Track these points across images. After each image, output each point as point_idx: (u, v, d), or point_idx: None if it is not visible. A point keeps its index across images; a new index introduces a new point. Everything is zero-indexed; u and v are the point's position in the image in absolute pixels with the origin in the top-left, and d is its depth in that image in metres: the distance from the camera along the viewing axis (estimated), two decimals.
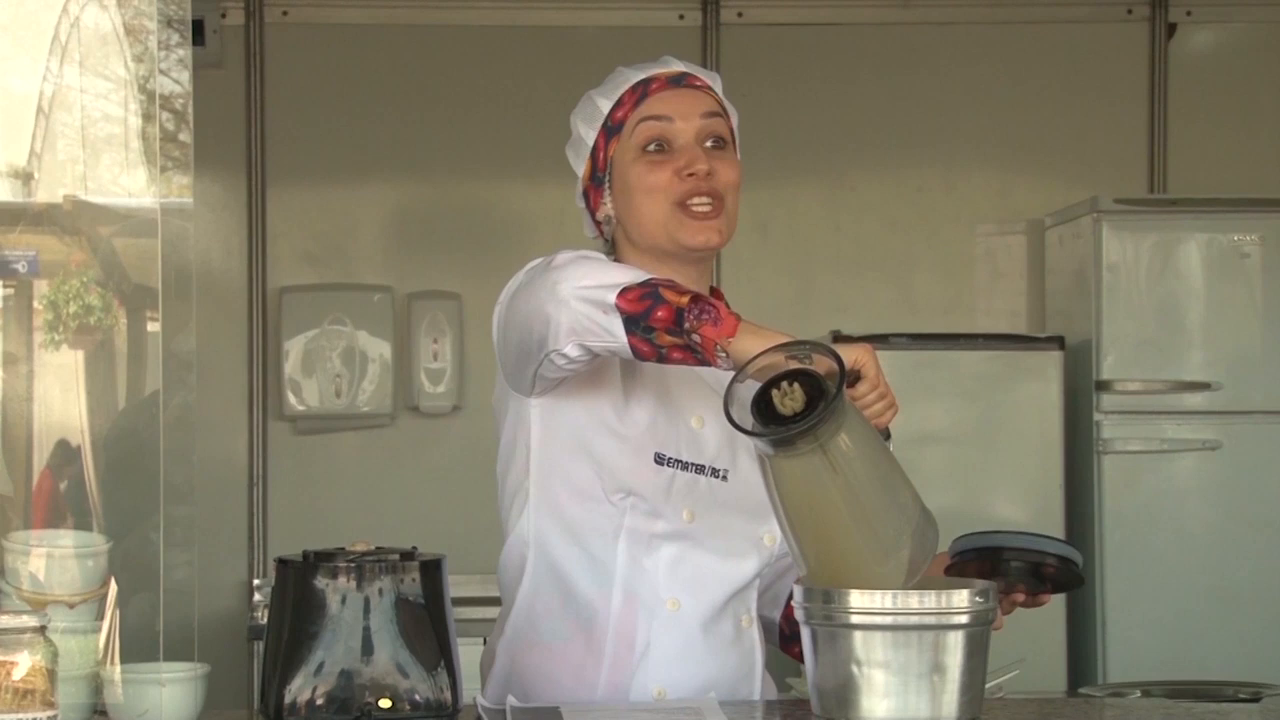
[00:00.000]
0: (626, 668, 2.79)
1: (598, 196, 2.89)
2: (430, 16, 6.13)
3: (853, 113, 6.16)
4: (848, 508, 2.43)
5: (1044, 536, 2.82)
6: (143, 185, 2.75)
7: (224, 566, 5.94)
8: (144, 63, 2.73)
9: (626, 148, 2.85)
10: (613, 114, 2.86)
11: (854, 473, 2.42)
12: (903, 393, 5.23)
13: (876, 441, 2.47)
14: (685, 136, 2.84)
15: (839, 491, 2.41)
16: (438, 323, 6.04)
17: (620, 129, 2.85)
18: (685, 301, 2.49)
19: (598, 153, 2.87)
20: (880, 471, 2.45)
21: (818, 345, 2.42)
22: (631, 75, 2.89)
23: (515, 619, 2.87)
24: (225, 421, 5.98)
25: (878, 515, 2.45)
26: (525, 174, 6.06)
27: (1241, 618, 5.50)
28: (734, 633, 2.86)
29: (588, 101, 2.91)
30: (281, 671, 2.44)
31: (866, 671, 2.42)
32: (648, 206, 2.83)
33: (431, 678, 2.45)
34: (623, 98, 2.86)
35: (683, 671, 2.80)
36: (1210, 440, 5.54)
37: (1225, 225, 5.58)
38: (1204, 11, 6.26)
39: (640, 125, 2.84)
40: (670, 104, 2.85)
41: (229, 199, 6.06)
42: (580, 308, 2.56)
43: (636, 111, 2.85)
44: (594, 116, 2.88)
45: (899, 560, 2.45)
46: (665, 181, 2.82)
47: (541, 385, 2.76)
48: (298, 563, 2.47)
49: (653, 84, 2.86)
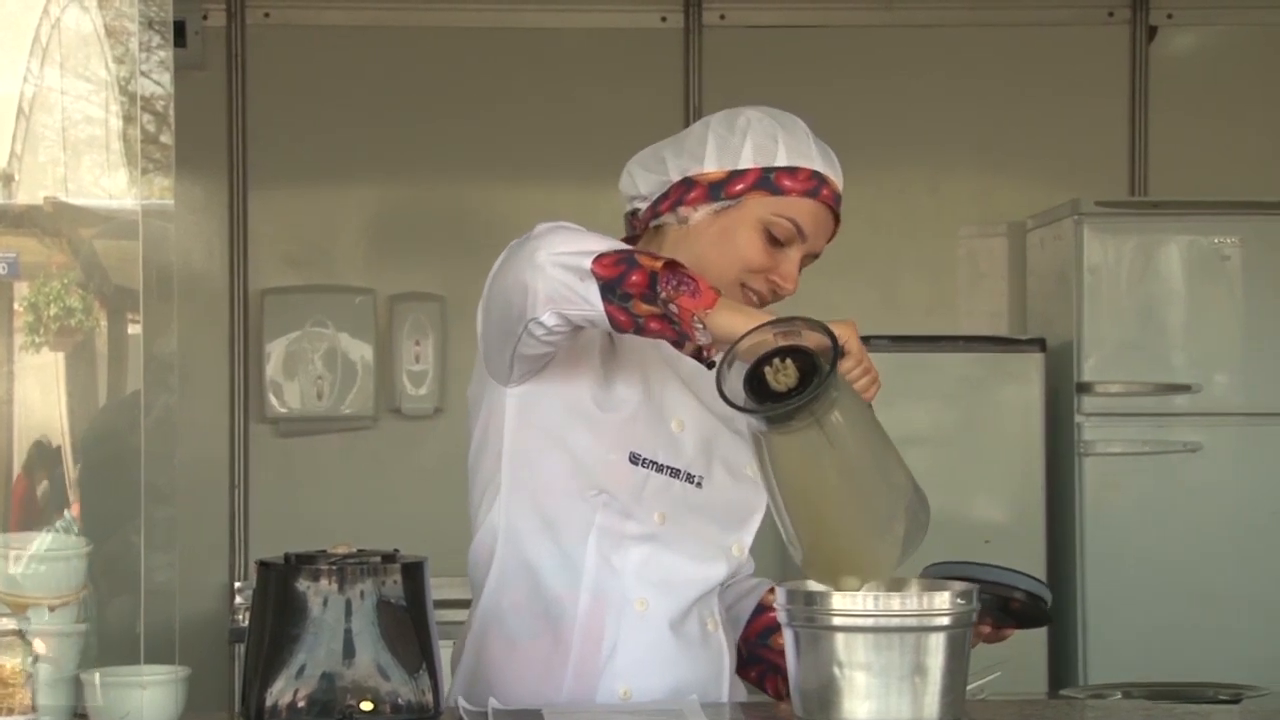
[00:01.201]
0: (593, 667, 2.78)
1: (701, 201, 2.84)
2: (412, 19, 6.12)
3: (835, 115, 6.10)
4: (844, 483, 2.43)
5: (1015, 571, 2.82)
6: (124, 187, 2.75)
7: (205, 569, 5.93)
8: (125, 64, 2.73)
9: (761, 213, 2.82)
10: (782, 176, 2.83)
11: (850, 447, 2.42)
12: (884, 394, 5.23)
13: (869, 416, 2.47)
14: (799, 252, 2.84)
15: (835, 466, 2.42)
16: (420, 325, 6.04)
17: (774, 193, 2.82)
18: (659, 267, 2.48)
19: (738, 181, 2.83)
20: (874, 446, 2.46)
21: (806, 320, 2.41)
22: (816, 159, 2.86)
23: (483, 613, 2.86)
24: (206, 424, 5.97)
25: (874, 490, 2.46)
26: (508, 176, 6.06)
27: (1222, 619, 5.51)
28: (701, 635, 2.85)
29: (771, 136, 2.85)
30: (263, 674, 2.44)
31: (848, 673, 2.42)
32: (726, 267, 2.81)
33: (413, 680, 2.44)
34: (800, 173, 2.83)
35: (650, 672, 2.80)
36: (1191, 442, 5.55)
37: (1206, 228, 5.59)
38: (1185, 14, 6.27)
39: (788, 220, 2.82)
40: (819, 223, 2.86)
41: (210, 201, 6.05)
42: (557, 274, 2.55)
43: (798, 201, 2.82)
44: (767, 154, 2.84)
45: (894, 535, 2.46)
46: (757, 267, 2.81)
47: (520, 369, 2.74)
48: (279, 565, 2.47)
49: (824, 191, 2.85)
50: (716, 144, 2.86)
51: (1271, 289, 5.59)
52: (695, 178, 2.85)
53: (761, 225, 2.82)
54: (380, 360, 6.04)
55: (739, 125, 2.87)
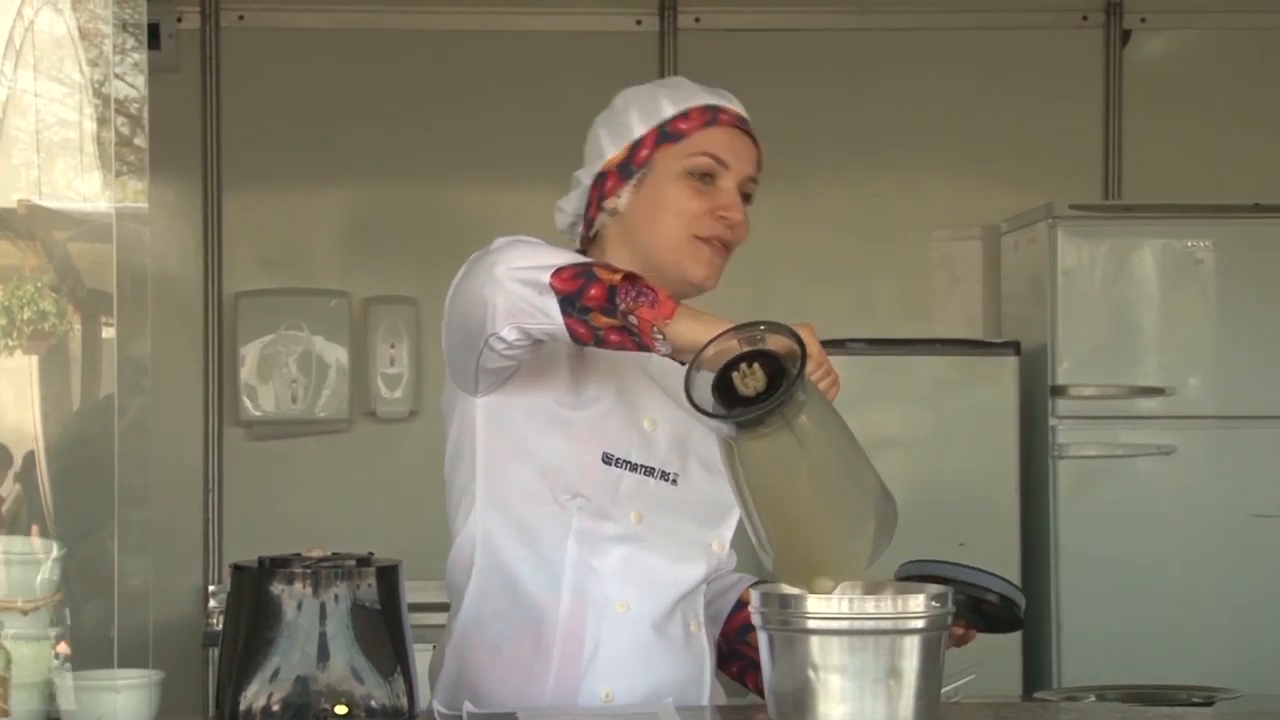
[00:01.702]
0: (575, 669, 2.79)
1: (617, 186, 2.88)
2: (386, 21, 6.12)
3: (810, 118, 6.17)
4: (815, 484, 2.44)
5: (991, 574, 2.82)
6: (98, 190, 2.74)
7: (179, 573, 5.92)
8: (99, 67, 2.72)
9: (676, 163, 2.85)
10: (675, 122, 2.87)
11: (819, 448, 2.42)
12: (859, 398, 5.22)
13: (836, 417, 2.48)
14: (731, 180, 2.87)
15: (806, 469, 2.42)
16: (395, 328, 6.03)
17: (678, 140, 2.86)
18: (618, 279, 2.50)
19: (641, 148, 2.87)
20: (842, 446, 2.47)
21: (768, 324, 2.42)
22: (702, 94, 2.90)
23: (464, 621, 2.86)
24: (181, 427, 5.96)
25: (844, 489, 2.47)
26: (483, 179, 6.06)
27: (1196, 622, 5.52)
28: (684, 636, 2.86)
29: (649, 95, 2.91)
30: (237, 678, 2.43)
31: (823, 676, 2.42)
32: (671, 226, 2.84)
33: (388, 683, 2.44)
34: (690, 112, 2.87)
35: (632, 674, 2.80)
36: (1165, 445, 5.56)
37: (1179, 231, 5.61)
38: (1158, 19, 6.29)
39: (701, 156, 2.85)
40: (732, 145, 2.88)
41: (184, 204, 6.04)
42: (516, 289, 2.57)
43: (701, 134, 2.86)
44: (652, 113, 2.88)
45: (865, 534, 2.46)
46: (699, 212, 2.83)
47: (486, 381, 2.74)
48: (253, 569, 2.46)
49: (722, 114, 2.89)
50: (607, 131, 2.92)
51: (1245, 292, 5.60)
52: (604, 170, 2.89)
53: (681, 173, 2.85)
54: (355, 363, 6.03)
55: (619, 105, 2.93)
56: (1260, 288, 5.60)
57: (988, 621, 2.83)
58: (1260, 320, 5.59)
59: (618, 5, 6.18)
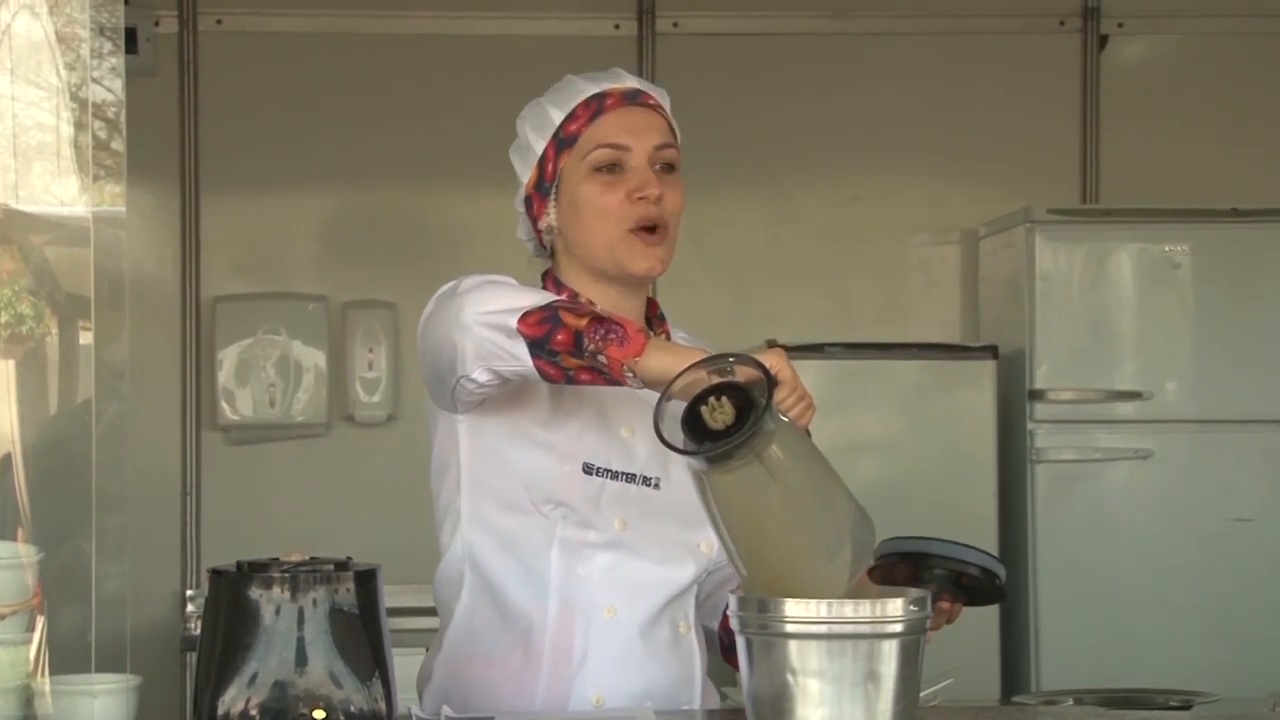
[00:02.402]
0: (565, 676, 2.79)
1: (542, 206, 2.88)
2: (365, 26, 6.11)
3: (788, 123, 6.18)
4: (788, 514, 2.44)
5: (970, 547, 2.83)
6: (75, 194, 2.74)
7: (157, 577, 5.90)
8: (76, 71, 2.71)
9: (578, 164, 2.84)
10: (565, 126, 2.85)
11: (791, 478, 2.42)
12: (837, 402, 5.25)
13: (807, 444, 2.48)
14: (638, 159, 2.84)
15: (779, 499, 2.42)
16: (373, 332, 6.03)
17: (573, 143, 2.84)
18: (584, 325, 2.51)
19: (546, 163, 2.87)
20: (815, 474, 2.46)
21: (738, 356, 2.42)
22: (585, 87, 2.88)
23: (453, 634, 2.87)
24: (158, 431, 5.95)
25: (818, 518, 2.46)
26: (461, 183, 6.05)
27: (1173, 626, 5.53)
28: (672, 639, 2.86)
29: (538, 108, 2.90)
30: (215, 682, 2.42)
31: (802, 680, 2.42)
32: (597, 227, 2.83)
33: (366, 688, 2.43)
34: (576, 110, 2.86)
35: (621, 678, 2.80)
36: (1142, 449, 5.57)
37: (1157, 235, 5.62)
38: (1135, 24, 6.30)
39: (598, 149, 2.83)
40: (625, 125, 2.85)
41: (162, 208, 6.03)
42: (484, 333, 2.58)
43: (591, 128, 2.84)
44: (544, 126, 2.87)
45: (841, 559, 2.46)
46: (616, 204, 2.82)
47: (463, 406, 2.77)
48: (231, 573, 2.45)
49: (608, 99, 2.86)
50: (517, 156, 2.93)
51: (1222, 296, 5.61)
52: (527, 194, 2.91)
53: (588, 173, 2.84)
54: (333, 367, 6.02)
55: (519, 126, 2.93)
56: (1237, 292, 5.61)
57: (970, 595, 2.83)
58: (1237, 324, 5.60)
59: (596, 10, 6.18)
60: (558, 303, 2.56)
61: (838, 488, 2.49)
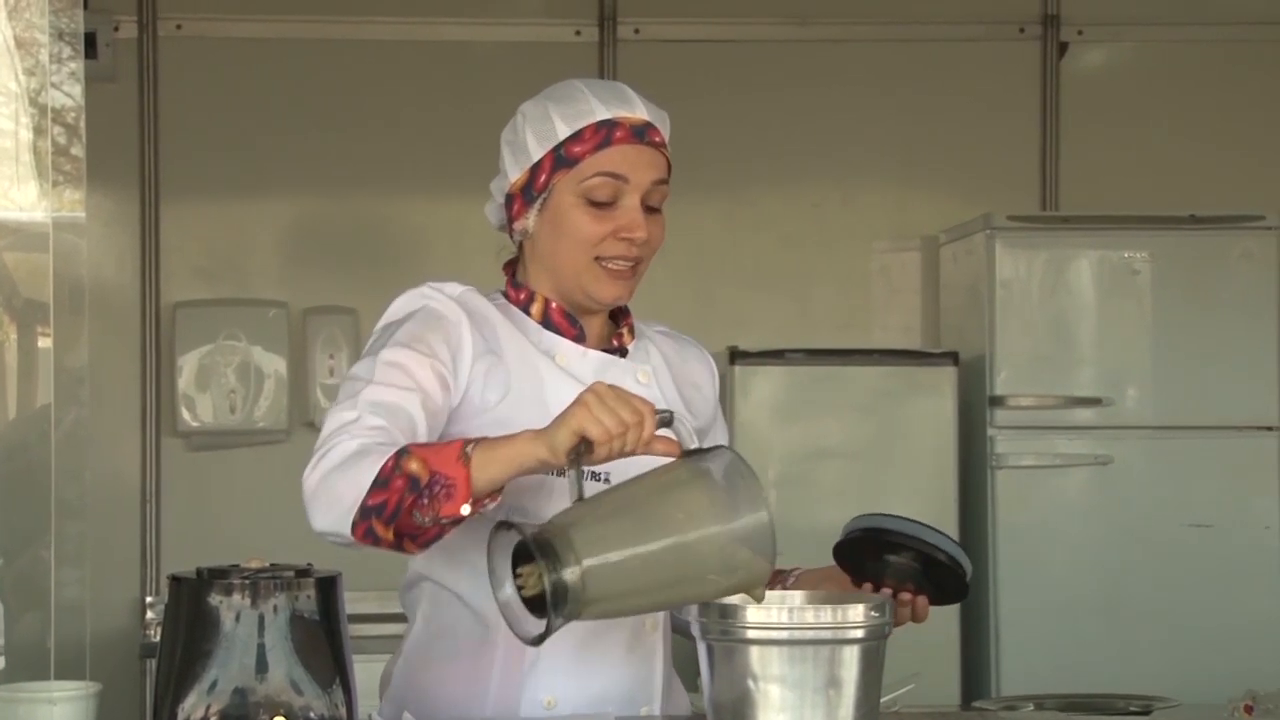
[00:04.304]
0: (515, 680, 2.77)
1: (523, 210, 2.86)
2: (327, 31, 6.10)
3: (750, 129, 6.18)
4: (649, 598, 2.45)
5: (938, 531, 2.81)
6: (34, 199, 2.73)
7: (116, 584, 5.88)
8: (35, 76, 2.71)
9: (573, 187, 2.81)
10: (569, 145, 2.81)
11: (625, 576, 2.39)
12: (799, 408, 5.24)
13: (643, 511, 2.43)
14: (633, 198, 2.82)
15: (647, 578, 2.40)
16: (334, 338, 6.01)
17: (574, 165, 2.81)
18: (390, 537, 2.52)
19: (540, 173, 2.83)
20: (649, 551, 2.40)
21: (524, 528, 2.39)
22: (596, 108, 2.83)
23: (413, 640, 2.88)
24: (118, 438, 5.92)
25: (677, 581, 2.43)
26: (423, 189, 6.05)
27: (1133, 631, 5.54)
28: (630, 638, 2.83)
29: (543, 114, 2.85)
30: (175, 690, 2.42)
31: (763, 686, 2.42)
32: (572, 252, 2.82)
33: (327, 695, 2.43)
34: (584, 133, 2.82)
35: (573, 680, 2.79)
36: (1102, 455, 5.59)
37: (1116, 242, 5.63)
38: (1095, 31, 6.32)
39: (597, 178, 2.81)
40: (630, 161, 2.82)
41: (122, 213, 6.00)
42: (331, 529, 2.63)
43: (595, 157, 2.81)
44: (547, 135, 2.83)
45: (727, 586, 2.44)
46: (599, 237, 2.81)
47: None
48: (192, 580, 2.45)
49: (617, 131, 2.82)
50: (509, 151, 2.89)
51: (1181, 303, 5.63)
52: (511, 192, 2.87)
53: (580, 199, 2.82)
54: (294, 374, 6.00)
55: (518, 124, 2.89)
56: (1196, 298, 5.63)
57: (935, 587, 2.81)
58: (1196, 331, 5.62)
59: (557, 16, 6.17)
60: (370, 506, 2.54)
61: (697, 525, 2.41)
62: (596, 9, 6.16)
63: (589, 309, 2.89)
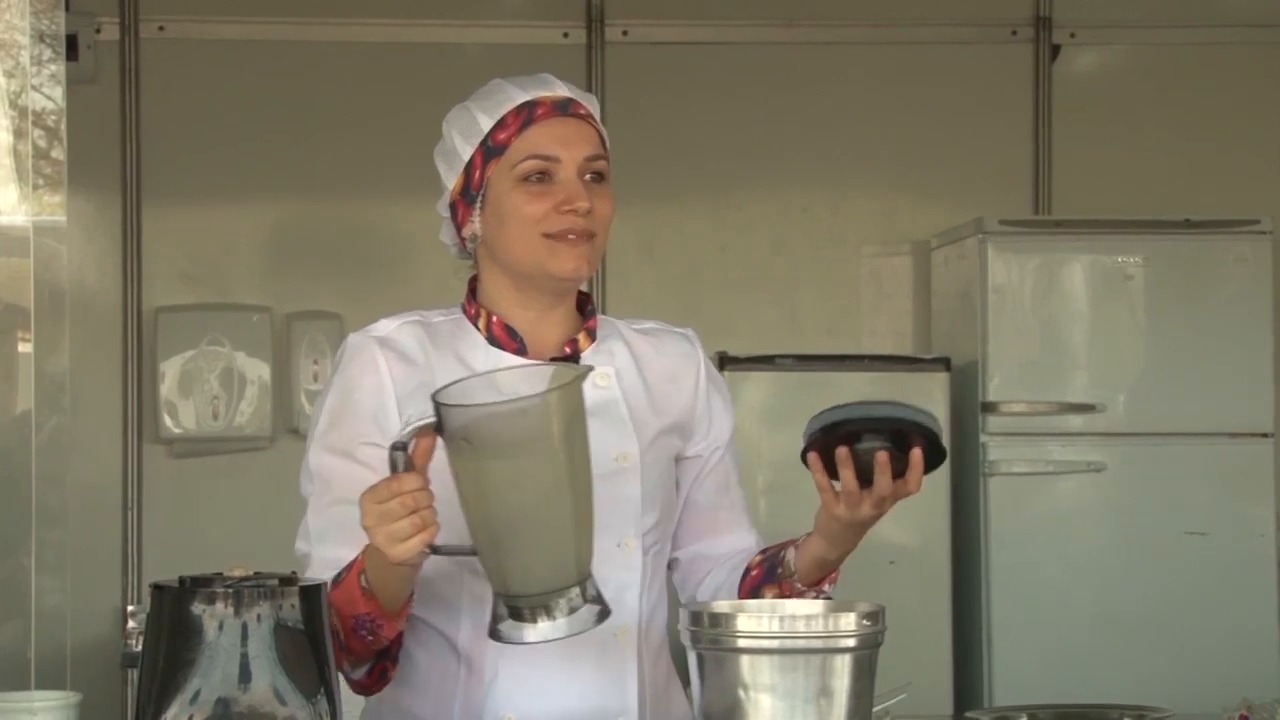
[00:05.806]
0: (478, 696, 2.75)
1: (467, 213, 2.84)
2: (310, 33, 6.08)
3: (738, 132, 6.17)
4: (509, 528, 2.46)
5: (901, 404, 2.78)
6: (14, 203, 2.72)
7: (97, 592, 5.86)
8: (16, 78, 2.69)
9: (506, 174, 2.80)
10: (494, 134, 2.80)
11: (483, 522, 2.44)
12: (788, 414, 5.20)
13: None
14: (568, 171, 2.79)
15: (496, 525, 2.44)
16: (317, 343, 5.99)
17: (502, 152, 2.80)
18: (364, 672, 2.68)
19: (473, 170, 2.82)
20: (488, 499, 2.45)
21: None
22: (514, 94, 2.82)
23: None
24: (99, 444, 5.90)
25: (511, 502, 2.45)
26: (407, 192, 5.97)
27: (1127, 639, 5.54)
28: (596, 650, 2.78)
29: (465, 114, 2.85)
30: (157, 699, 2.40)
31: (754, 695, 2.40)
32: (520, 235, 2.79)
33: (311, 704, 2.41)
34: (506, 119, 2.80)
35: (534, 697, 2.75)
36: (1095, 462, 5.58)
37: (1109, 247, 5.63)
38: (1087, 34, 6.32)
39: (528, 161, 2.78)
40: (556, 136, 2.80)
41: (103, 217, 5.99)
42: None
43: (521, 138, 2.79)
44: (472, 132, 2.82)
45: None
46: (543, 213, 2.78)
47: None
48: (174, 588, 2.42)
49: (538, 109, 2.80)
50: (442, 162, 2.88)
51: (1174, 308, 5.63)
52: (452, 200, 2.86)
53: (516, 183, 2.79)
54: (277, 379, 5.99)
55: (445, 132, 2.88)
56: (1189, 303, 5.63)
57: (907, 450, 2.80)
58: (1190, 336, 5.62)
59: (545, 18, 6.17)
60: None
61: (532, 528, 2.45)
62: (584, 11, 6.16)
63: (558, 292, 2.84)
